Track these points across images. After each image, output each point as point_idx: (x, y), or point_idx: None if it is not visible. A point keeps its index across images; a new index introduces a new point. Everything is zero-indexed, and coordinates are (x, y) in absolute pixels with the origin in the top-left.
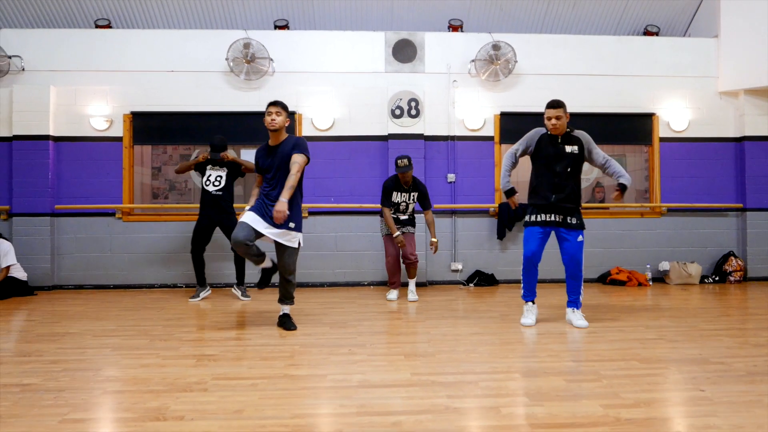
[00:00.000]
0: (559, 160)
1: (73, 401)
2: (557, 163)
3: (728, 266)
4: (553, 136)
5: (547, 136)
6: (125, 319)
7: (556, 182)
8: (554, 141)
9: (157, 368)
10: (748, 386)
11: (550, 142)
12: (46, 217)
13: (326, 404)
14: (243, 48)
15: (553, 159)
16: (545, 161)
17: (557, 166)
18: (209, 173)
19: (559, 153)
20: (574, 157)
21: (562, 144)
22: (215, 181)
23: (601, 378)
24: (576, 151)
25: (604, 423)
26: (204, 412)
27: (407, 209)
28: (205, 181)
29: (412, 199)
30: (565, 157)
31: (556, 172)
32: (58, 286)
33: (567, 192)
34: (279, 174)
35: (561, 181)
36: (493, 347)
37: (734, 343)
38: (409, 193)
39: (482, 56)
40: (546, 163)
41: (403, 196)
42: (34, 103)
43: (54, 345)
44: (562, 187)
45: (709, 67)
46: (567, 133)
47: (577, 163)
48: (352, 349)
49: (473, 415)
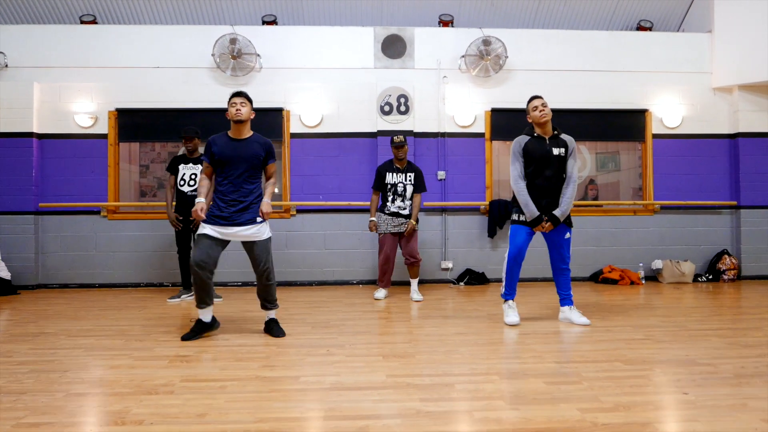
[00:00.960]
0: (548, 164)
1: (33, 404)
2: (546, 167)
3: (722, 264)
4: (540, 138)
5: (534, 139)
6: (104, 319)
7: (545, 186)
8: (542, 143)
9: (126, 369)
10: (734, 389)
11: (537, 144)
12: (30, 215)
13: (294, 407)
14: (229, 44)
15: (542, 163)
16: (534, 165)
17: (547, 170)
18: (183, 172)
19: (546, 155)
20: (560, 160)
21: (550, 146)
22: (190, 180)
23: (582, 380)
24: (562, 153)
25: (580, 428)
26: (166, 416)
27: (405, 192)
28: (179, 180)
29: (409, 180)
30: (552, 159)
31: (545, 176)
32: (43, 285)
33: (556, 195)
34: (245, 175)
35: (551, 184)
36: (476, 348)
37: (723, 344)
38: (405, 173)
39: (472, 52)
40: (535, 168)
41: (398, 176)
42: (17, 100)
43: (26, 345)
44: (551, 191)
45: (703, 62)
46: (554, 135)
47: (563, 164)
48: (330, 350)
49: (444, 419)
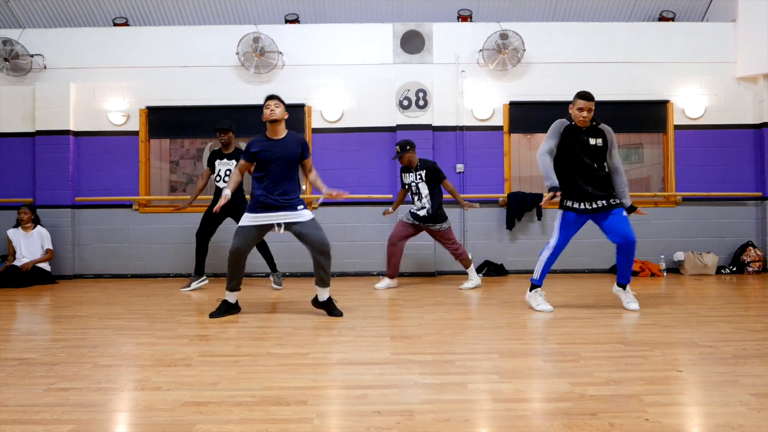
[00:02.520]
0: (585, 152)
1: (63, 373)
2: (585, 155)
3: (746, 257)
4: (576, 127)
5: (572, 127)
6: (133, 305)
7: (588, 174)
8: (577, 132)
9: (149, 346)
10: (729, 368)
11: (573, 133)
12: (67, 209)
13: (299, 379)
14: (253, 42)
15: (580, 151)
16: (572, 154)
17: (585, 158)
18: (219, 168)
19: (583, 145)
20: (597, 150)
21: (586, 136)
22: (225, 176)
23: (579, 359)
24: (600, 144)
25: (568, 399)
26: (181, 384)
27: (419, 191)
28: (216, 177)
29: (420, 178)
30: (589, 149)
31: (585, 163)
32: (79, 275)
33: (601, 182)
34: (283, 171)
35: (593, 173)
36: (482, 331)
37: (729, 329)
38: (416, 173)
39: (490, 46)
40: (573, 155)
41: (411, 176)
42: (55, 100)
43: (60, 326)
44: (595, 179)
45: (727, 52)
46: (592, 125)
47: (601, 154)
48: (341, 331)
49: (438, 390)
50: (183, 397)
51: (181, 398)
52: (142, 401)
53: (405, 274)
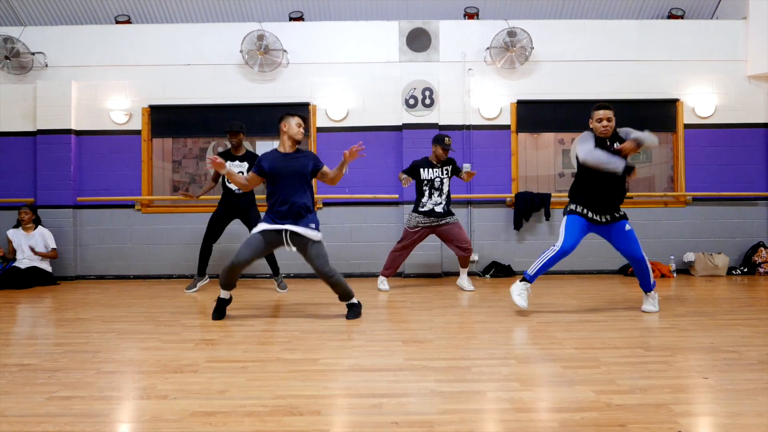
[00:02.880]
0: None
1: (66, 380)
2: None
3: (757, 257)
4: (601, 140)
5: (598, 140)
6: (136, 307)
7: (610, 188)
8: (603, 144)
9: (154, 351)
10: (756, 374)
11: (600, 145)
12: (69, 209)
13: (311, 386)
14: (257, 40)
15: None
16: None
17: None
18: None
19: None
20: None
21: (611, 146)
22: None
23: (600, 365)
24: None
25: (593, 408)
26: (189, 392)
27: (442, 186)
28: (225, 179)
29: (446, 173)
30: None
31: (610, 178)
32: (81, 276)
33: (619, 194)
34: (296, 186)
35: (615, 186)
36: (496, 335)
37: (751, 333)
38: (442, 168)
39: (497, 43)
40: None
41: (435, 172)
42: (56, 99)
43: (62, 329)
44: (615, 193)
45: (737, 50)
46: (614, 133)
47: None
48: (351, 335)
49: (457, 398)
50: (191, 407)
51: (189, 408)
52: (149, 411)
53: (411, 276)
